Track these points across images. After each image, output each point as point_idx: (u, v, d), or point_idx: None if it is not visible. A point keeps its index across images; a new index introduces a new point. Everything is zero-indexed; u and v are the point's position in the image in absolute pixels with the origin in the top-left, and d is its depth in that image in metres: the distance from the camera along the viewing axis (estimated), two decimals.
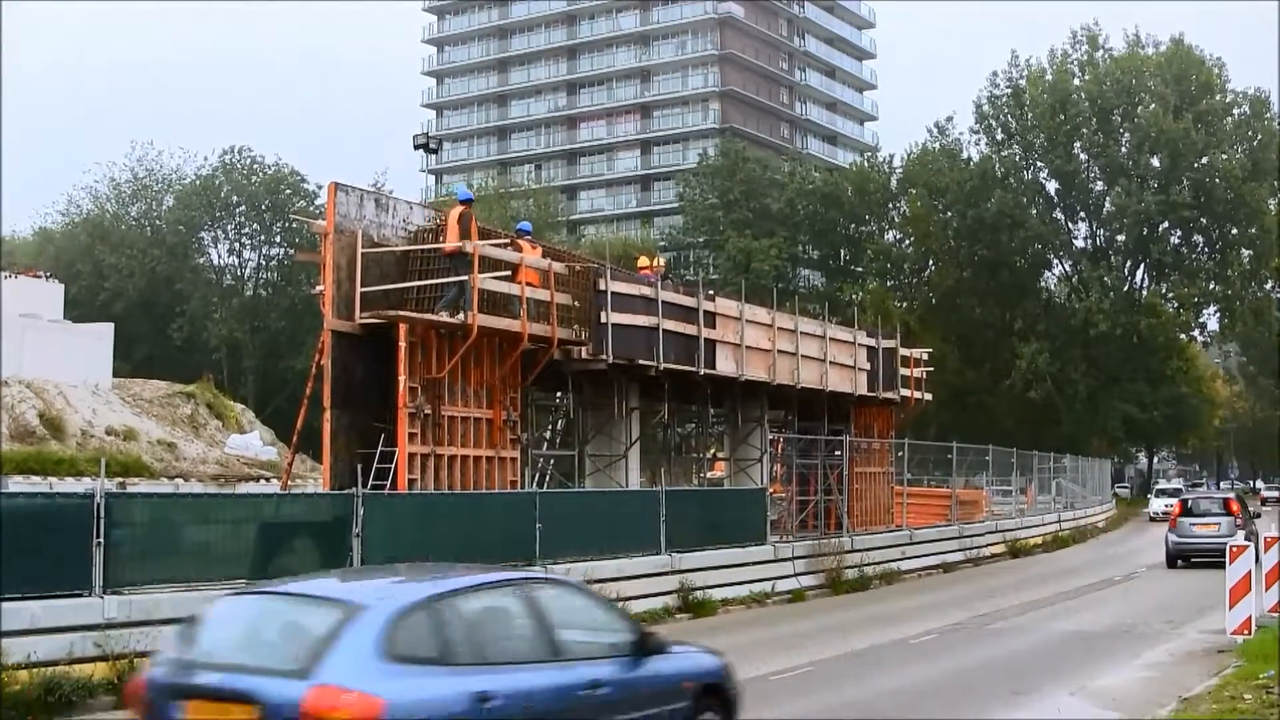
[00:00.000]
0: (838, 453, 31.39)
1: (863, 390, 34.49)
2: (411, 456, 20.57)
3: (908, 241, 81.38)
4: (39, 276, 44.64)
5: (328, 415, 20.49)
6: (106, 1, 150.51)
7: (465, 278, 21.15)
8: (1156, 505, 57.88)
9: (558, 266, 23.67)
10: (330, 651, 7.46)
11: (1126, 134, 72.25)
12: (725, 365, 27.88)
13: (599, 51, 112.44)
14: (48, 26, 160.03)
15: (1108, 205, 73.33)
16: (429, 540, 18.52)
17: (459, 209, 22.59)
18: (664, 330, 25.49)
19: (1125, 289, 74.21)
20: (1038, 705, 14.04)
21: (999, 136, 76.22)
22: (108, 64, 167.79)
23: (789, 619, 22.47)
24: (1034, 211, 74.36)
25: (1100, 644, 18.81)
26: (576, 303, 24.17)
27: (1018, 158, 75.52)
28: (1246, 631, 16.65)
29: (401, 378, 20.46)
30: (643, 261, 29.44)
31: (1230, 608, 16.78)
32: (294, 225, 78.82)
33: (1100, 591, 27.19)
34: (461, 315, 21.02)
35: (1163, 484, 71.86)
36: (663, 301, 25.60)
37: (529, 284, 22.70)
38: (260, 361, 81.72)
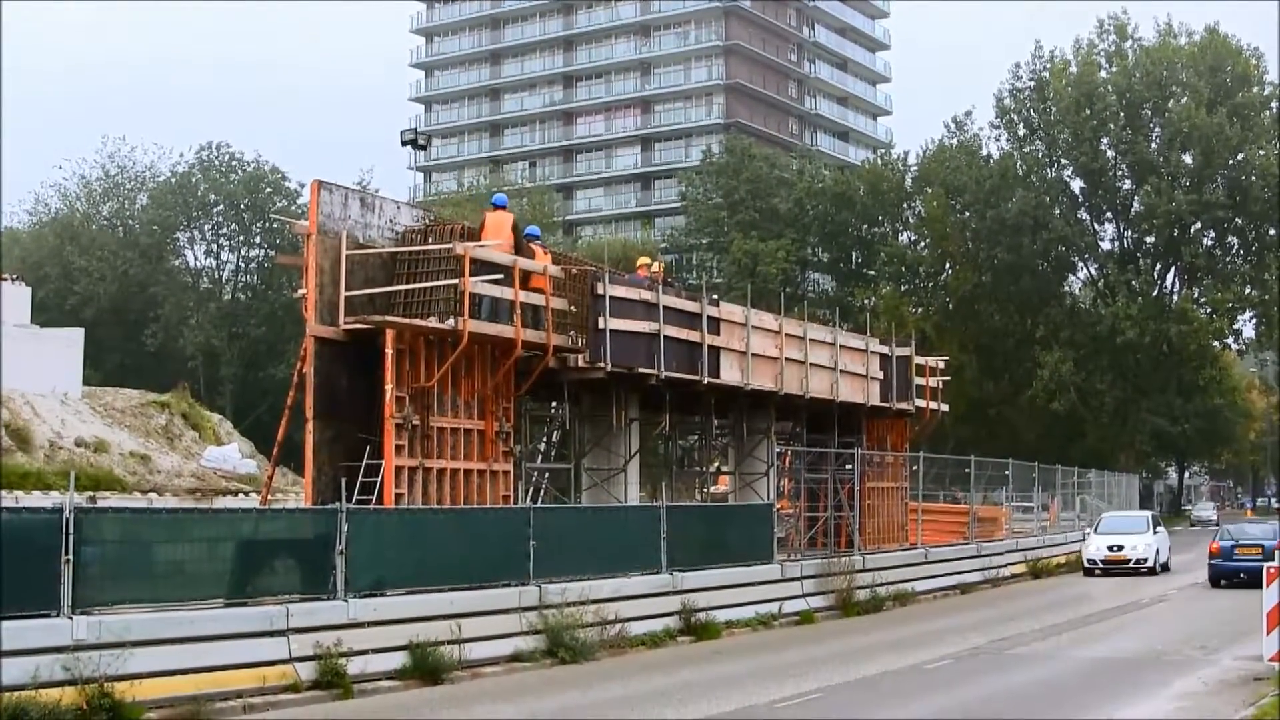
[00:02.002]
0: (849, 467, 31.41)
1: (875, 401, 34.48)
2: (398, 470, 20.58)
3: (923, 244, 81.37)
4: (4, 279, 44.55)
5: (310, 426, 20.50)
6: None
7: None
8: (1097, 548, 37.74)
9: (554, 270, 23.71)
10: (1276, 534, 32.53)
11: (1157, 129, 72.26)
12: (730, 374, 27.90)
13: (597, 43, 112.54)
14: (19, 17, 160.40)
15: (1136, 205, 73.29)
16: (417, 558, 18.54)
17: (506, 216, 22.89)
18: (665, 337, 25.51)
19: (1155, 294, 74.17)
20: None
21: (1021, 132, 76.28)
22: (76, 54, 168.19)
23: (797, 643, 22.47)
24: (1058, 212, 74.31)
25: (1128, 672, 18.82)
26: (573, 308, 24.19)
27: (1040, 155, 75.56)
28: None
29: (388, 387, 20.48)
30: (643, 260, 29.40)
31: (1268, 633, 16.75)
32: (275, 226, 78.85)
33: (1128, 615, 27.20)
34: (451, 320, 21.06)
35: (1111, 515, 43.13)
36: (664, 307, 25.61)
37: (538, 290, 22.81)
38: (239, 370, 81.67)
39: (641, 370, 25.10)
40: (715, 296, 29.84)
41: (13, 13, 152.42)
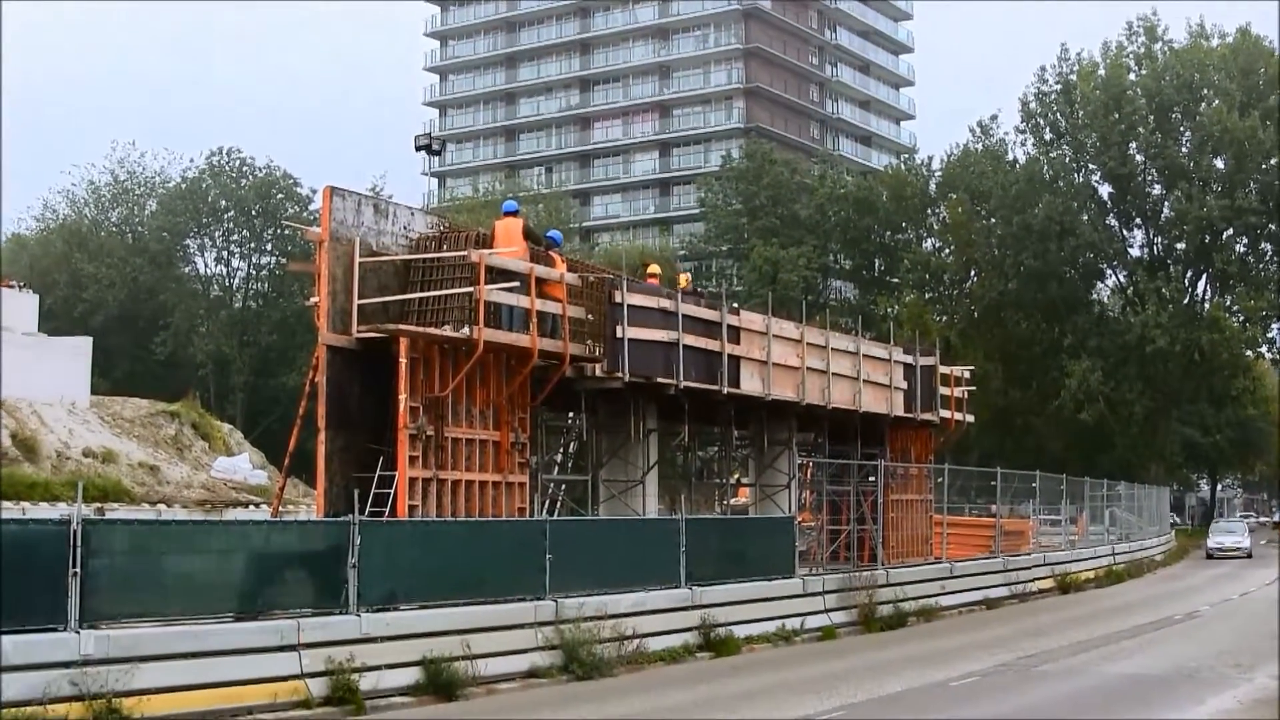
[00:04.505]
0: (872, 478, 31.32)
1: (899, 411, 34.42)
2: (412, 481, 20.59)
3: (948, 250, 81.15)
4: (12, 286, 44.75)
5: (322, 436, 20.54)
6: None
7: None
8: None
9: (570, 277, 23.71)
10: None
11: (1187, 133, 71.91)
12: (750, 384, 27.86)
13: (614, 46, 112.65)
14: (27, 17, 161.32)
15: (1166, 210, 72.97)
16: (431, 571, 18.56)
17: (515, 222, 22.96)
18: (684, 346, 25.50)
19: (1185, 301, 73.80)
20: None
21: (1047, 136, 76.00)
22: (86, 58, 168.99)
23: (818, 659, 22.40)
24: (1085, 218, 74.05)
25: (1159, 689, 18.71)
26: (590, 316, 24.19)
27: (1068, 159, 75.27)
28: None
29: (402, 396, 20.50)
30: (652, 269, 29.40)
31: None
32: (286, 232, 79.11)
33: (1159, 631, 27.05)
34: (466, 329, 21.07)
35: None
36: (683, 315, 25.61)
37: (555, 299, 22.82)
38: (250, 378, 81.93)
39: (660, 380, 25.09)
40: (735, 304, 29.80)
41: (20, 14, 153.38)
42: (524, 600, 19.52)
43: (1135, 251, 77.20)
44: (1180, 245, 74.56)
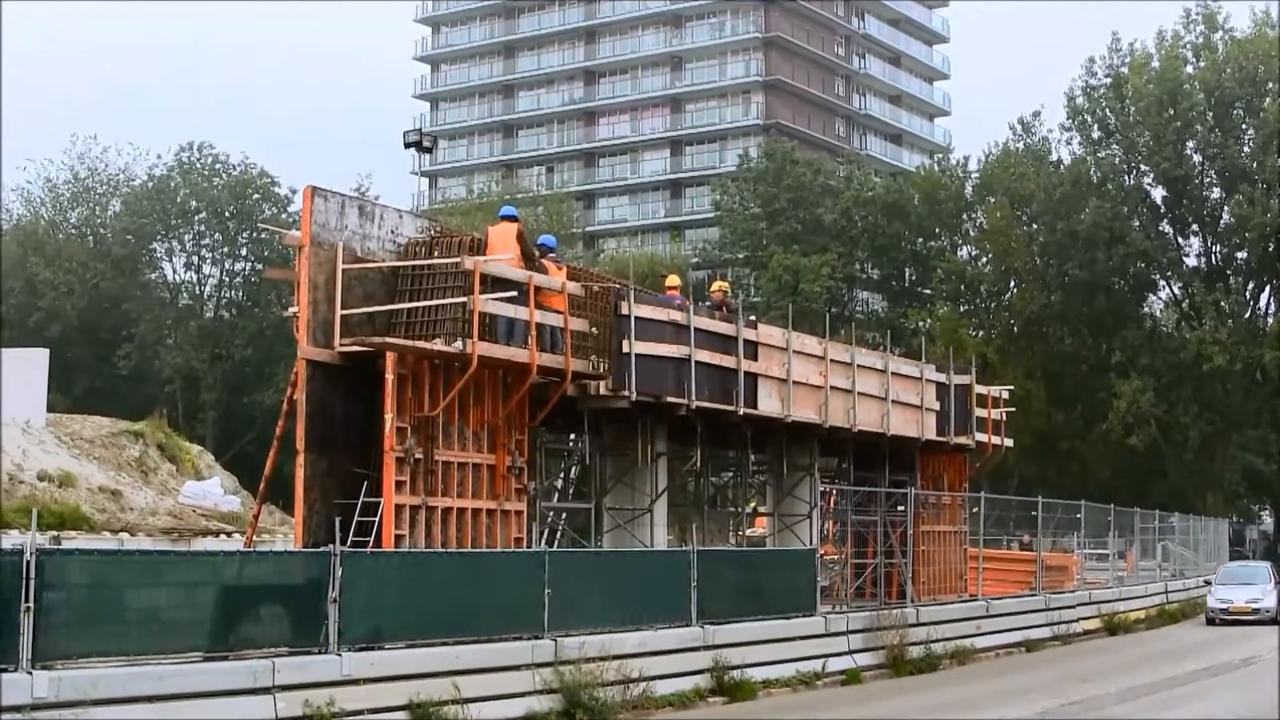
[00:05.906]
0: (901, 508, 31.32)
1: (931, 434, 34.41)
2: (399, 508, 20.62)
3: (985, 259, 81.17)
4: None
5: (301, 459, 20.57)
6: None
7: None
8: None
9: (573, 287, 23.75)
10: None
11: (1250, 131, 71.78)
12: (768, 404, 27.87)
13: (622, 35, 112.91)
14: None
15: (1226, 216, 72.87)
16: (419, 607, 18.57)
17: (509, 226, 23.03)
18: (697, 362, 25.52)
19: (1246, 316, 73.65)
20: None
21: (1095, 135, 75.97)
22: (44, 42, 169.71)
23: (842, 705, 22.38)
24: (1137, 224, 74.00)
25: None
26: (594, 329, 24.24)
27: (1118, 160, 75.25)
28: None
29: (388, 416, 20.53)
30: (672, 280, 29.47)
31: None
32: (263, 236, 79.25)
33: (1215, 678, 26.99)
34: (459, 343, 21.09)
35: None
36: (696, 329, 25.63)
37: (556, 310, 22.85)
38: (222, 396, 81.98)
39: (670, 399, 25.10)
40: (753, 318, 29.85)
41: None
42: (521, 639, 19.53)
43: (1191, 261, 77.09)
44: (1241, 254, 74.44)
